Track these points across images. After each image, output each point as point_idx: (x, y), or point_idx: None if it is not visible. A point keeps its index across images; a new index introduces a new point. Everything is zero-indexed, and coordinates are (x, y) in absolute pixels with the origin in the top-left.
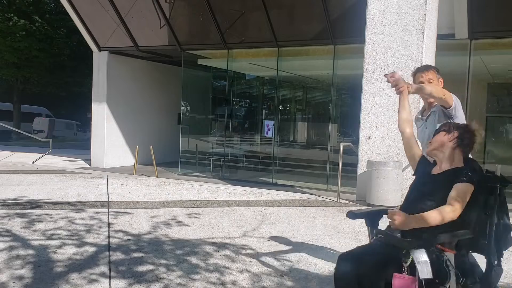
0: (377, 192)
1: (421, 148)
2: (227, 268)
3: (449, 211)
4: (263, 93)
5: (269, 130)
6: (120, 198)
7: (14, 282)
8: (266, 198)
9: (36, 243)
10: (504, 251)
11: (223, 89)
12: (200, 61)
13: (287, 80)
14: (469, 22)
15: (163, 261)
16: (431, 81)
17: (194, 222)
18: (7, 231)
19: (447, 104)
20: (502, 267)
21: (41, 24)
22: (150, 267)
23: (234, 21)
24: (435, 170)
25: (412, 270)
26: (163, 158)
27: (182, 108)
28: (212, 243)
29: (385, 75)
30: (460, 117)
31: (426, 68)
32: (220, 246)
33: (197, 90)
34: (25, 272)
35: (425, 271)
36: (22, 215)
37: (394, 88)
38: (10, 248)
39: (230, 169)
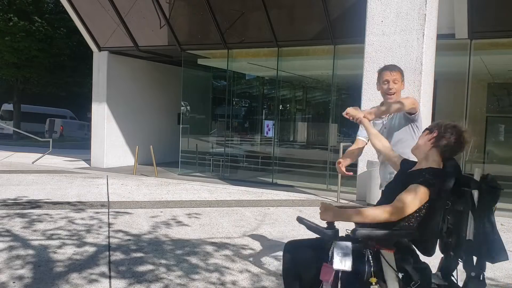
0: (377, 192)
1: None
2: (227, 268)
3: (387, 211)
4: (263, 93)
5: (269, 130)
6: (120, 198)
7: (14, 282)
8: (266, 198)
9: (36, 243)
10: (489, 263)
11: (223, 89)
12: (200, 61)
13: (287, 80)
14: (469, 22)
15: (163, 261)
16: (396, 82)
17: (194, 222)
18: (7, 231)
19: (414, 110)
20: (504, 267)
21: (41, 24)
22: (150, 267)
23: (234, 21)
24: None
25: None
26: (163, 158)
27: (182, 108)
28: (212, 243)
29: (343, 114)
30: (420, 121)
31: (395, 67)
32: (220, 246)
33: (197, 90)
34: (25, 272)
35: (339, 262)
36: (22, 215)
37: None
38: (10, 248)
39: (230, 169)
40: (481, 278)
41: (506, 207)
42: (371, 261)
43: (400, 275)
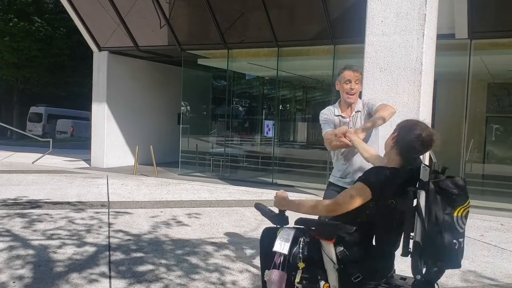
0: None
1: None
2: (227, 268)
3: (325, 205)
4: (263, 93)
5: (269, 130)
6: (120, 198)
7: (14, 282)
8: (266, 198)
9: (36, 243)
10: (443, 269)
11: (223, 89)
12: (200, 61)
13: (287, 80)
14: (469, 22)
15: (163, 261)
16: (357, 82)
17: (194, 222)
18: (7, 231)
19: None
20: (503, 267)
21: (41, 24)
22: (150, 267)
23: (234, 21)
24: None
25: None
26: (163, 158)
27: (182, 108)
28: (212, 243)
29: (336, 136)
30: None
31: (357, 68)
32: (220, 246)
33: (197, 90)
34: (25, 272)
35: (279, 245)
36: (22, 215)
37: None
38: (10, 248)
39: (230, 169)
40: (434, 284)
41: (506, 207)
42: (301, 248)
43: (336, 266)
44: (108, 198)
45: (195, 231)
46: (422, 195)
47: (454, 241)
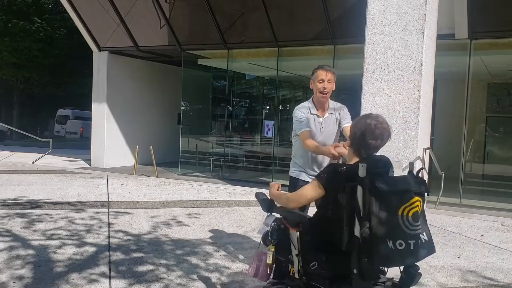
0: None
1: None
2: (227, 268)
3: (286, 197)
4: (263, 93)
5: (269, 130)
6: (120, 198)
7: (14, 282)
8: None
9: (36, 243)
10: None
11: (223, 89)
12: (200, 61)
13: (287, 80)
14: (469, 22)
15: (163, 261)
16: (330, 82)
17: (194, 222)
18: (7, 231)
19: None
20: (504, 267)
21: (41, 24)
22: (150, 267)
23: (234, 21)
24: None
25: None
26: (163, 158)
27: (182, 108)
28: (212, 243)
29: (334, 154)
30: None
31: (330, 68)
32: (220, 246)
33: (197, 90)
34: (25, 272)
35: (261, 229)
36: (22, 215)
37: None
38: (10, 248)
39: (230, 169)
40: (358, 275)
41: (506, 207)
42: (270, 233)
43: (296, 252)
44: (108, 198)
45: (195, 231)
46: (360, 191)
47: (400, 241)
